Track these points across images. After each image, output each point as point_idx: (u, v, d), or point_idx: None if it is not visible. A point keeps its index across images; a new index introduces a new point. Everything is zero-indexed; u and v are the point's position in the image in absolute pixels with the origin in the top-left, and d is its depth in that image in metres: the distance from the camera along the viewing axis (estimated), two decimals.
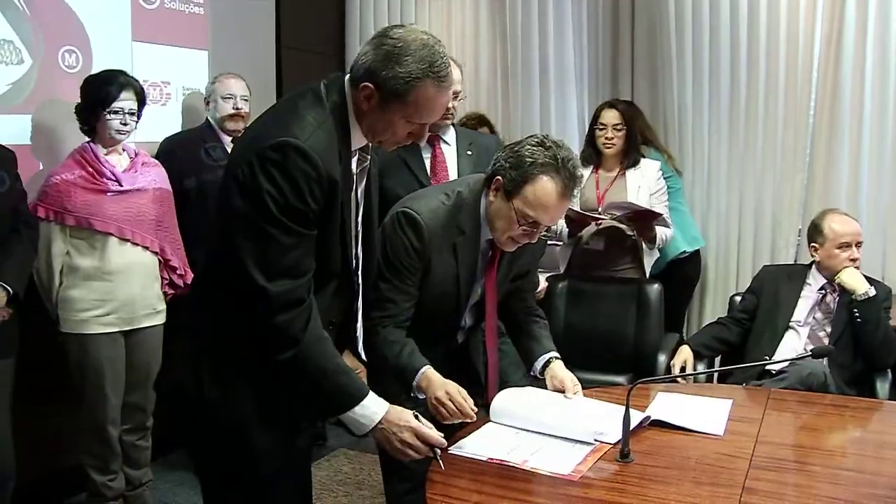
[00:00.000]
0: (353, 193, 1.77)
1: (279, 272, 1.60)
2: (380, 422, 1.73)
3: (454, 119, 3.02)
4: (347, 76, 1.70)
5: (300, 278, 1.63)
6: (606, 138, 3.57)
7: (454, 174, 2.86)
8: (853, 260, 2.88)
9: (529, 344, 2.32)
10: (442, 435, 1.80)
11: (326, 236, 1.68)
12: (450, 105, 2.75)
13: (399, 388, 2.03)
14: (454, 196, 2.13)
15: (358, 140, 1.73)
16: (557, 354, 2.28)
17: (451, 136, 2.95)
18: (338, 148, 1.66)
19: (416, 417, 1.77)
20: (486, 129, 4.20)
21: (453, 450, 1.88)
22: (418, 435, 1.75)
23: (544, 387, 2.24)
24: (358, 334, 1.92)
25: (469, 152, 2.92)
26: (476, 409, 1.96)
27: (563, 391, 2.18)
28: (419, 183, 2.77)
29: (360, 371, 1.90)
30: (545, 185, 1.99)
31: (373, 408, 1.73)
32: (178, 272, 3.07)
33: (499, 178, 2.05)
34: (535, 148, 2.02)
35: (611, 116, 3.59)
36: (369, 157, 1.81)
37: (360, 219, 1.83)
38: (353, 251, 1.81)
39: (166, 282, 3.03)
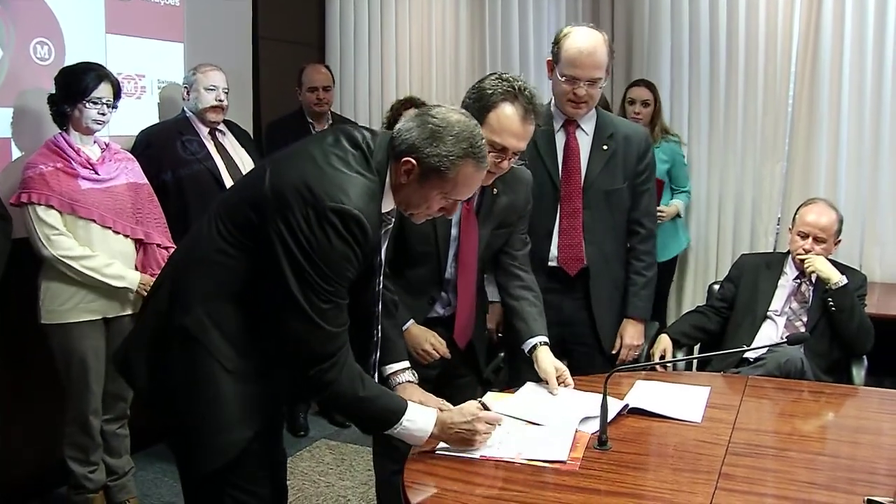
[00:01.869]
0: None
1: (327, 320, 1.67)
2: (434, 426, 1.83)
3: (589, 108, 2.60)
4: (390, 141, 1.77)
5: (343, 326, 1.71)
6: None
7: (584, 167, 2.63)
8: (806, 251, 2.88)
9: (518, 325, 2.37)
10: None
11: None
12: (582, 91, 2.49)
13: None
14: None
15: (387, 205, 1.79)
16: (545, 339, 2.31)
17: (590, 123, 2.66)
18: (378, 214, 1.74)
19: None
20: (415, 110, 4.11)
21: (440, 450, 1.87)
22: (486, 420, 1.88)
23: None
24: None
25: (605, 146, 2.63)
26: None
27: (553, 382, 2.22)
28: (546, 171, 2.57)
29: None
30: (506, 111, 2.11)
31: (423, 416, 1.83)
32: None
33: None
34: (493, 81, 2.15)
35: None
36: (392, 219, 1.88)
37: (381, 279, 1.90)
38: (375, 310, 1.91)
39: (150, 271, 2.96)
